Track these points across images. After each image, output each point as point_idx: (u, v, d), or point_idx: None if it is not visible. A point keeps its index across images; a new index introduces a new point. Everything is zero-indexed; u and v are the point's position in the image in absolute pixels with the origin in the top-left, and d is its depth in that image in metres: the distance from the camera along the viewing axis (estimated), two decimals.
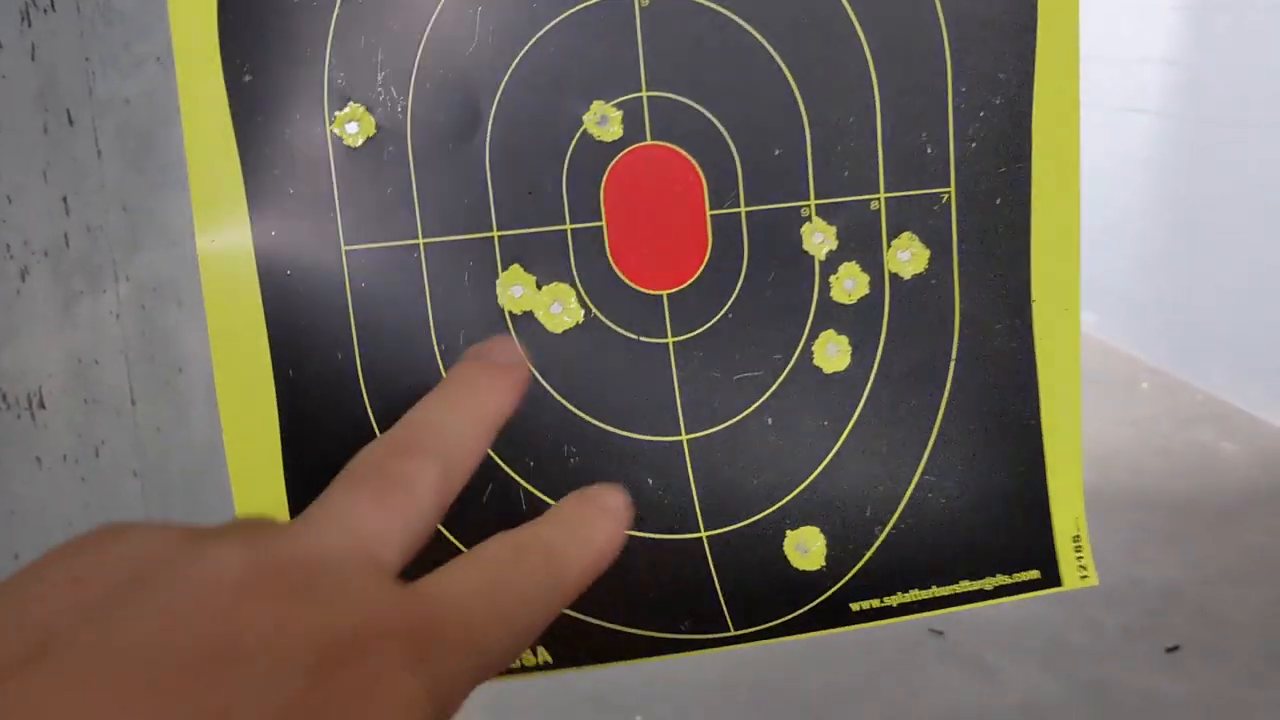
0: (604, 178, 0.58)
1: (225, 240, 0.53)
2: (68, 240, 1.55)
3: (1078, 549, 0.63)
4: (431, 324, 0.56)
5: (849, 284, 0.60)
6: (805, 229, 0.60)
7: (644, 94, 0.58)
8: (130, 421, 1.60)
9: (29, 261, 1.51)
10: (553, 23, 0.57)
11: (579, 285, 0.58)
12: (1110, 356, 5.75)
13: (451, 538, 0.54)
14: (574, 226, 0.57)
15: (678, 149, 0.58)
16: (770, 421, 0.60)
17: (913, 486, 0.61)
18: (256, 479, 0.54)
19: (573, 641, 0.55)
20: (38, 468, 1.57)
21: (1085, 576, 0.63)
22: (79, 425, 1.60)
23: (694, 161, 0.58)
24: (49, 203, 1.55)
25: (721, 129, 0.59)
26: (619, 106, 0.58)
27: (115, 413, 1.60)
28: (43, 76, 1.59)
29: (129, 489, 1.60)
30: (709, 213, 0.59)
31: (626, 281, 0.58)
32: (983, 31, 0.59)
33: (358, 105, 0.55)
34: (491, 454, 0.55)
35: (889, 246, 0.60)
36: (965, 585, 0.61)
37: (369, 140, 0.54)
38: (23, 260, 1.49)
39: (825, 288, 0.60)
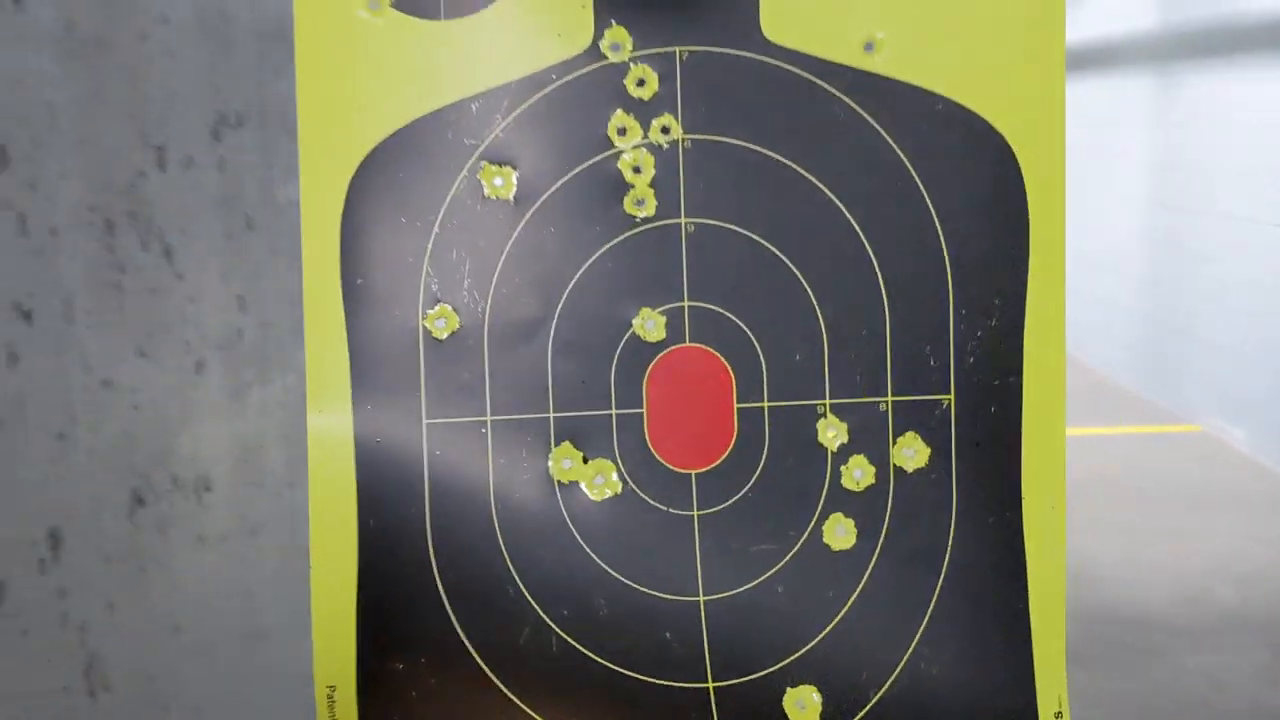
0: (647, 372, 0.73)
1: (330, 411, 0.71)
2: (241, 334, 1.82)
3: None
4: (491, 488, 0.71)
5: (858, 474, 0.73)
6: (820, 424, 0.73)
7: (685, 303, 0.73)
8: (287, 504, 1.85)
9: (205, 355, 1.77)
10: (611, 243, 0.72)
11: (619, 462, 0.73)
12: (1258, 474, 5.66)
13: (493, 677, 0.69)
14: (619, 412, 0.72)
15: (712, 350, 0.73)
16: (780, 590, 0.73)
17: (907, 656, 0.73)
18: (333, 606, 0.71)
19: None
20: (201, 546, 1.82)
21: None
22: (241, 507, 1.86)
23: (725, 361, 0.73)
24: (226, 300, 1.82)
25: (750, 335, 0.73)
26: (663, 313, 0.73)
27: (275, 495, 1.85)
28: (228, 186, 1.88)
29: (285, 567, 1.85)
30: (736, 405, 0.73)
31: (661, 461, 0.73)
32: (981, 265, 0.72)
33: (446, 305, 0.71)
34: (530, 600, 0.71)
35: (894, 443, 0.73)
36: None
37: (452, 334, 0.71)
38: (199, 353, 1.74)
39: (836, 476, 0.74)
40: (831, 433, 0.73)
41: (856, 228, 0.72)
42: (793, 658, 0.73)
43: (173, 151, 1.96)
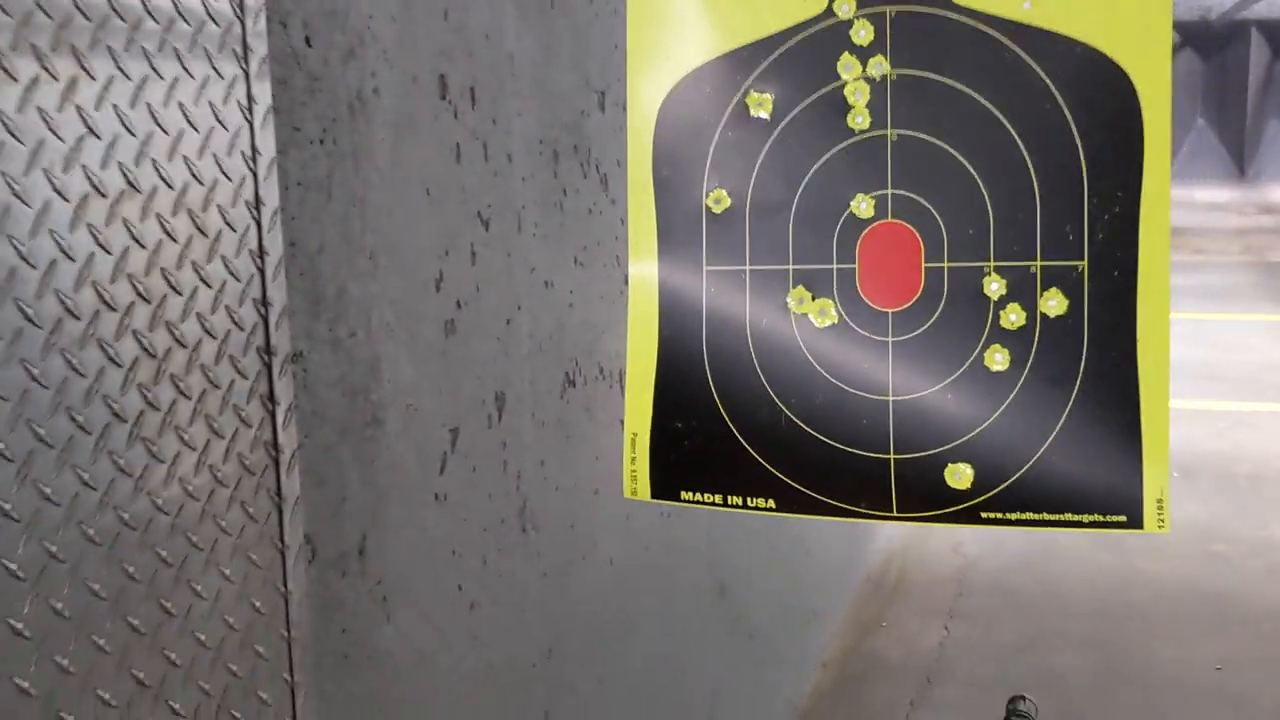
0: (860, 239, 1.09)
1: (642, 261, 1.13)
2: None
3: (1159, 507, 1.03)
4: (747, 314, 1.11)
5: (1013, 317, 1.05)
6: (985, 279, 1.06)
7: (889, 191, 1.08)
8: None
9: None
10: (838, 147, 1.09)
11: (837, 301, 1.10)
12: None
13: (740, 439, 1.09)
14: (838, 266, 1.09)
15: (907, 224, 1.08)
16: (949, 397, 1.06)
17: (1044, 449, 1.04)
18: (639, 385, 1.13)
19: (790, 500, 1.07)
20: (618, 429, 2.30)
21: (1162, 527, 1.03)
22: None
23: (917, 233, 1.08)
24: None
25: (935, 214, 1.07)
26: (873, 197, 1.09)
27: None
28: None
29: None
30: (924, 265, 1.08)
31: (867, 302, 1.09)
32: (1109, 167, 1.02)
33: (721, 190, 1.11)
34: (769, 390, 1.09)
35: (1041, 296, 1.05)
36: (1068, 516, 1.04)
37: (725, 210, 1.11)
38: (626, 267, 2.22)
39: (996, 318, 1.06)
40: (994, 286, 1.06)
41: (1017, 138, 1.04)
42: (954, 443, 1.07)
43: (610, 96, 2.44)
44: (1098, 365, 0.99)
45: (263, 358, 1.30)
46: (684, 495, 1.04)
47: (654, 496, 1.04)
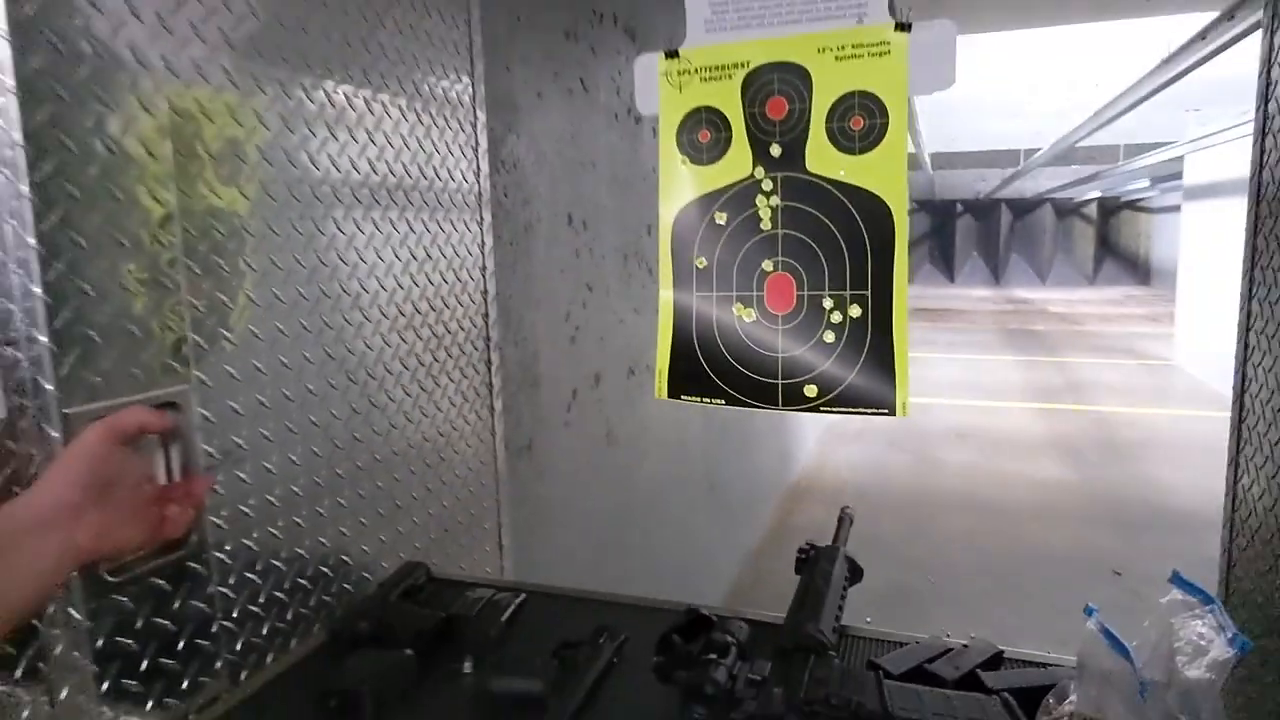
0: (766, 280, 1.28)
1: (665, 292, 1.32)
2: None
3: (904, 407, 1.20)
4: (714, 316, 1.29)
5: (836, 317, 1.25)
6: (823, 299, 1.25)
7: (779, 258, 1.28)
8: None
9: None
10: (754, 238, 1.29)
11: (755, 309, 1.28)
12: None
13: (710, 374, 1.29)
14: (755, 293, 1.29)
15: (788, 274, 1.27)
16: (806, 354, 1.25)
17: (850, 378, 1.23)
18: (663, 352, 1.32)
19: (730, 400, 1.26)
20: (659, 407, 2.32)
21: (904, 413, 1.20)
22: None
23: (792, 277, 1.27)
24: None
25: (801, 269, 1.26)
26: (772, 261, 1.28)
27: None
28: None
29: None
30: (796, 293, 1.27)
31: (769, 309, 1.27)
32: (880, 246, 1.22)
33: (701, 257, 1.31)
34: (723, 350, 1.28)
35: (849, 306, 1.24)
36: (861, 409, 1.21)
37: (704, 267, 1.31)
38: None
39: (829, 317, 1.25)
40: (828, 302, 1.25)
41: (838, 234, 1.23)
42: (808, 375, 1.25)
43: (652, 228, 2.59)
44: (876, 341, 1.16)
45: (486, 345, 1.40)
46: (682, 397, 1.23)
47: (669, 396, 1.23)
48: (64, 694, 0.71)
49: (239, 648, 0.88)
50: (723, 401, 1.24)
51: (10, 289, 0.66)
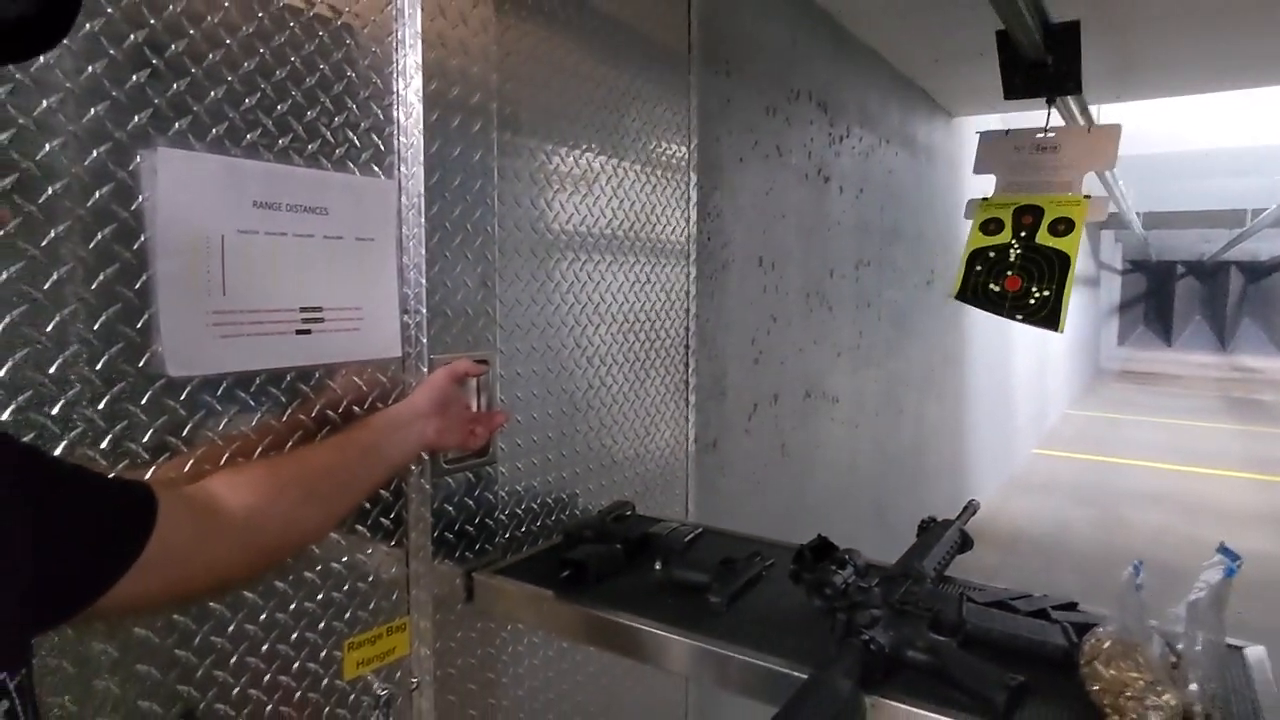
0: (1006, 278, 1.47)
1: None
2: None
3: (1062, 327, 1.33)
4: None
5: None
6: None
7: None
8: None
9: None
10: None
11: (1001, 282, 1.47)
12: None
13: None
14: (994, 279, 1.47)
15: None
16: None
17: (1040, 314, 1.38)
18: None
19: None
20: (827, 420, 2.51)
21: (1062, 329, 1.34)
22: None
23: (1023, 276, 1.44)
24: None
25: (1033, 273, 1.44)
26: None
27: None
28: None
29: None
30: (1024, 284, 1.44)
31: (1007, 289, 1.46)
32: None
33: None
34: None
35: None
36: None
37: None
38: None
39: None
40: (1035, 289, 1.43)
41: (1043, 270, 1.40)
42: (1022, 309, 1.42)
43: (835, 271, 2.78)
44: (1055, 308, 1.34)
45: (686, 355, 1.65)
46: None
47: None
48: (413, 534, 1.07)
49: (507, 536, 1.23)
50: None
51: (409, 281, 1.04)
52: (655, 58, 1.50)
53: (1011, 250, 1.71)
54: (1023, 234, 1.70)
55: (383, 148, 0.99)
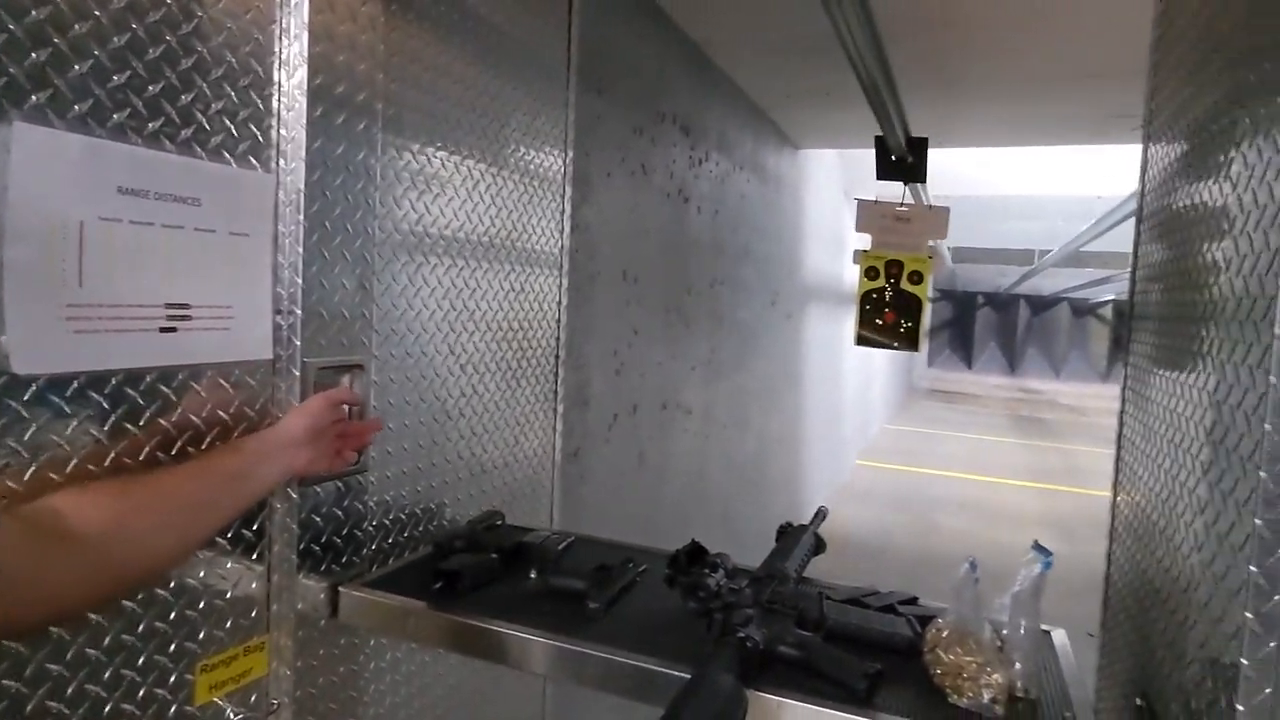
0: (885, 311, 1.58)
1: None
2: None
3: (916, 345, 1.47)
4: None
5: None
6: None
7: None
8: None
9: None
10: None
11: (880, 318, 1.58)
12: None
13: None
14: (873, 318, 1.57)
15: None
16: None
17: (896, 340, 1.50)
18: None
19: None
20: (680, 430, 2.61)
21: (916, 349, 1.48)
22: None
23: (894, 312, 1.56)
24: None
25: (896, 312, 1.55)
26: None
27: None
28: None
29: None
30: (895, 318, 1.56)
31: (882, 322, 1.57)
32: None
33: None
34: None
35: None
36: None
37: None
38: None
39: None
40: (901, 320, 1.55)
41: (906, 307, 1.53)
42: (887, 337, 1.53)
43: (692, 289, 2.88)
44: (911, 333, 1.45)
45: (556, 365, 1.64)
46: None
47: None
48: (276, 548, 1.02)
49: (375, 547, 1.19)
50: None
51: (283, 280, 0.99)
52: (537, 71, 1.51)
53: (886, 292, 2.30)
54: (892, 280, 2.30)
55: (261, 140, 0.94)
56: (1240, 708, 0.62)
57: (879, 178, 2.78)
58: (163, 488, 0.79)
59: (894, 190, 2.89)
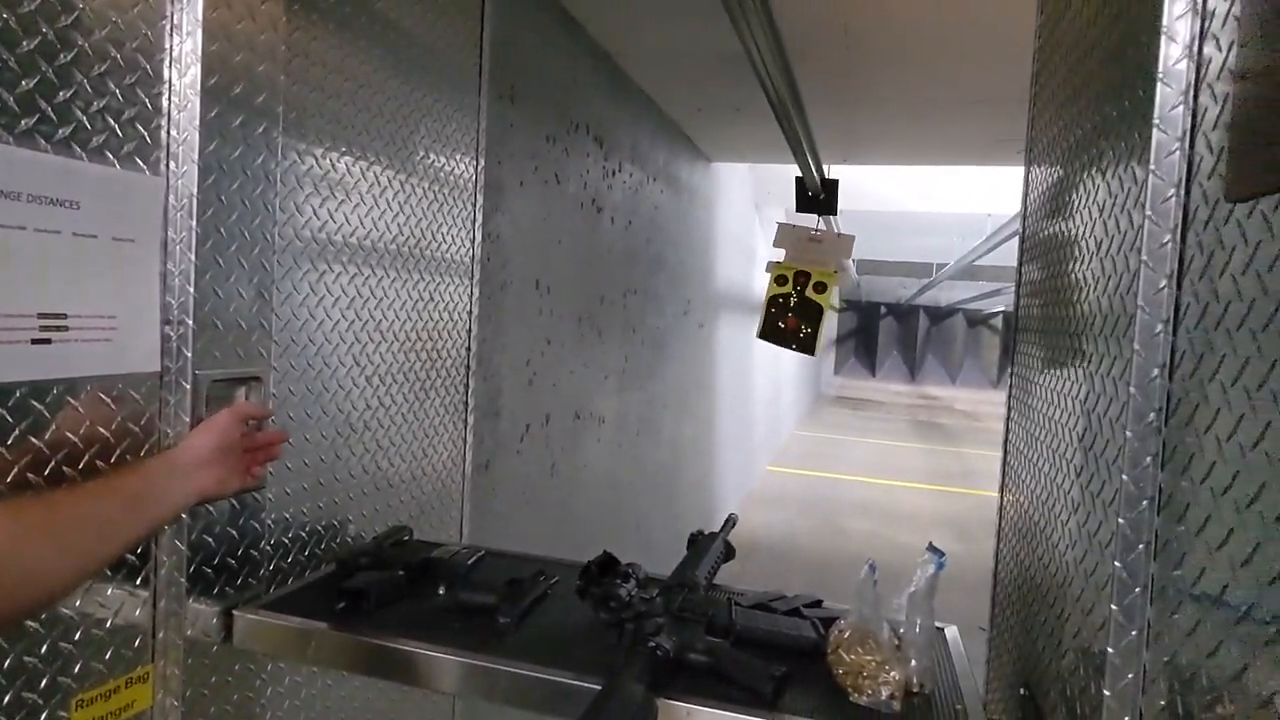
0: (788, 316, 1.60)
1: None
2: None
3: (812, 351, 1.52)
4: None
5: None
6: None
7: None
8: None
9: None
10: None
11: (785, 323, 1.60)
12: None
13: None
14: (780, 323, 1.60)
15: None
16: None
17: (801, 344, 1.54)
18: None
19: None
20: (593, 440, 2.61)
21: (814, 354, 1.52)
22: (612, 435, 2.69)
23: (797, 318, 1.59)
24: None
25: (801, 316, 1.59)
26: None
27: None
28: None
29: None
30: (797, 322, 1.59)
31: (781, 326, 1.59)
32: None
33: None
34: None
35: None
36: None
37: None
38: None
39: None
40: (803, 327, 1.58)
41: (806, 314, 1.57)
42: (795, 337, 1.56)
43: (605, 298, 2.90)
44: (810, 339, 1.49)
45: (467, 376, 1.63)
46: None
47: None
48: (163, 571, 0.96)
49: (273, 566, 1.14)
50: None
51: (174, 289, 0.94)
52: (448, 77, 1.49)
53: (791, 299, 2.48)
54: (799, 288, 2.49)
55: (149, 140, 0.89)
56: (1107, 693, 0.67)
57: (798, 210, 3.33)
58: (56, 509, 0.74)
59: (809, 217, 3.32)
